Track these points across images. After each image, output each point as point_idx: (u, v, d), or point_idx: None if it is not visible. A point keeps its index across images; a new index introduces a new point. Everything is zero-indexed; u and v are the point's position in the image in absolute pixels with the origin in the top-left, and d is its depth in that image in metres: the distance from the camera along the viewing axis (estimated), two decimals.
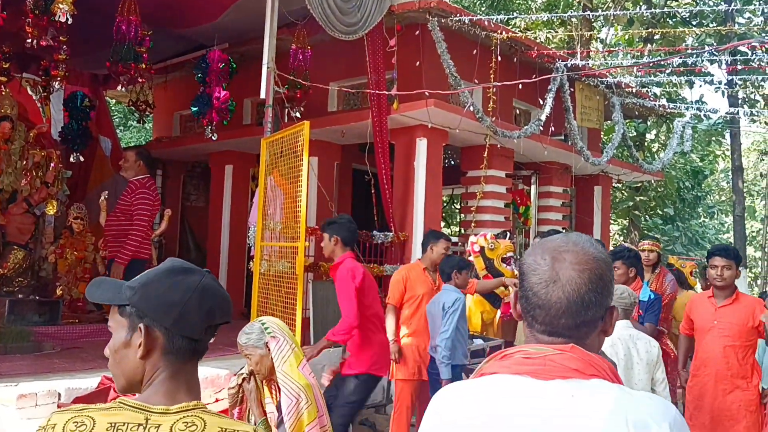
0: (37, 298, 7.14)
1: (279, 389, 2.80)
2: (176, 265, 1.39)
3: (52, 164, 7.52)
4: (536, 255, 1.24)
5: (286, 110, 7.24)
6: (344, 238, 4.50)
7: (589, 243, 1.24)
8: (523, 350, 1.20)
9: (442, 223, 11.01)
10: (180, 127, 11.67)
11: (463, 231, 9.50)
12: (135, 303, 1.33)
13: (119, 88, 7.35)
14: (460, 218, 13.14)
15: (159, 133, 11.88)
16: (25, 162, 7.44)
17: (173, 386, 1.30)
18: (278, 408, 2.76)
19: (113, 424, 1.22)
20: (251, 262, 6.32)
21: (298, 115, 7.35)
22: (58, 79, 7.01)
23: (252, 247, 6.34)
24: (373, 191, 7.91)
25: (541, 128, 8.52)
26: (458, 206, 16.00)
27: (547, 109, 8.51)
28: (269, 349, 2.75)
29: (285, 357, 2.73)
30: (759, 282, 18.53)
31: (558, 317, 1.19)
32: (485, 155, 8.16)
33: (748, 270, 17.71)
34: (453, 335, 4.68)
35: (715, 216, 23.62)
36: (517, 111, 9.85)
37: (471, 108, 7.46)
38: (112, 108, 17.19)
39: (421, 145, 7.77)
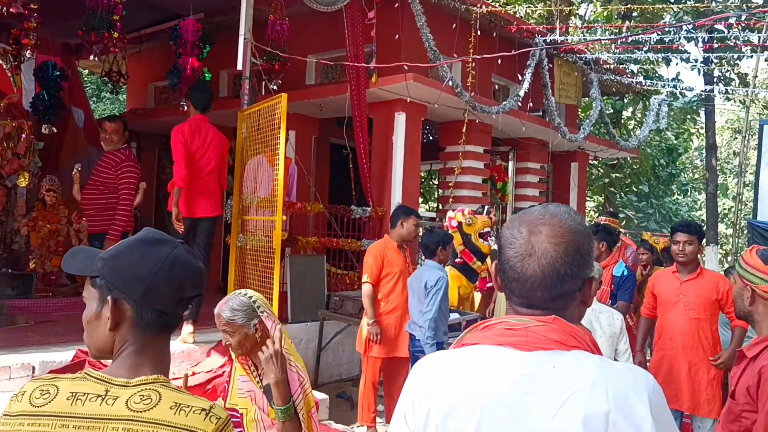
0: (10, 271, 7.06)
1: (254, 367, 2.73)
2: (149, 235, 1.37)
3: (23, 135, 7.36)
4: (513, 228, 1.25)
5: (263, 82, 7.14)
6: (192, 100, 5.81)
7: (567, 215, 1.24)
8: (504, 321, 1.21)
9: (420, 199, 11.03)
10: (155, 98, 11.47)
11: (441, 206, 9.53)
12: (104, 275, 1.32)
13: (92, 57, 7.18)
14: (438, 194, 13.17)
15: (133, 105, 11.68)
16: None
17: (139, 360, 1.30)
18: (266, 391, 2.65)
19: (74, 394, 1.23)
20: (228, 236, 6.28)
21: (275, 87, 7.26)
22: (29, 48, 6.82)
23: (229, 221, 6.29)
24: (351, 166, 7.88)
25: (520, 104, 8.52)
26: (436, 181, 16.02)
27: (526, 85, 8.51)
28: (257, 329, 2.62)
29: (282, 337, 2.59)
30: (729, 259, 18.90)
31: (533, 290, 1.20)
32: (464, 130, 8.16)
33: (719, 247, 18.05)
34: (437, 315, 4.66)
35: (689, 193, 23.97)
36: (496, 86, 9.84)
37: (450, 83, 7.43)
38: (85, 78, 16.84)
39: (400, 120, 7.74)
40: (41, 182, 7.58)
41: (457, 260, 6.57)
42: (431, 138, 11.78)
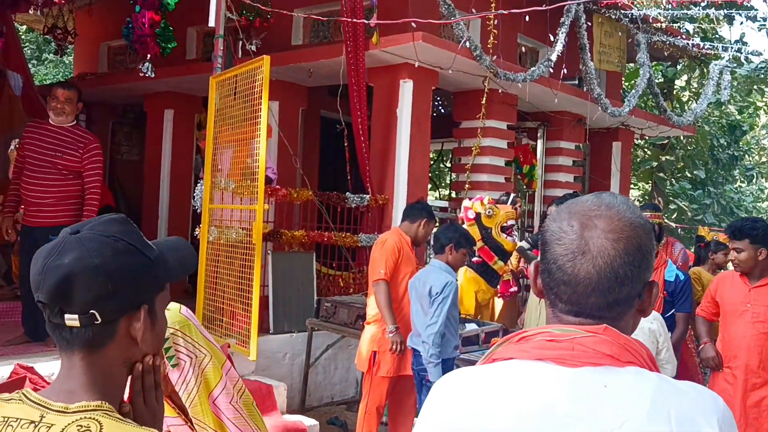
0: None
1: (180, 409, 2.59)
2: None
3: None
4: (562, 221, 1.26)
5: (240, 42, 7.13)
6: None
7: (626, 205, 1.25)
8: (545, 331, 1.22)
9: (429, 185, 11.02)
10: (108, 61, 11.45)
11: (454, 194, 9.54)
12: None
13: (32, 11, 7.15)
14: (450, 178, 13.17)
15: (82, 69, 11.64)
16: None
17: (69, 382, 1.32)
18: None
19: (6, 418, 1.25)
20: (197, 229, 6.29)
21: (254, 48, 7.24)
22: None
23: (198, 211, 6.29)
24: (346, 144, 7.87)
25: (551, 70, 8.51)
26: (449, 164, 16.02)
27: (559, 47, 8.49)
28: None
29: (191, 394, 2.37)
30: None
31: (587, 295, 1.21)
32: (483, 102, 8.14)
33: None
34: (443, 328, 4.64)
35: (754, 180, 23.96)
36: (523, 49, 9.82)
37: (467, 44, 7.41)
38: (23, 37, 16.79)
39: (406, 89, 7.73)
40: None
41: (475, 259, 6.58)
42: (443, 111, 11.77)
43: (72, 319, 1.27)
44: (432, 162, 12.35)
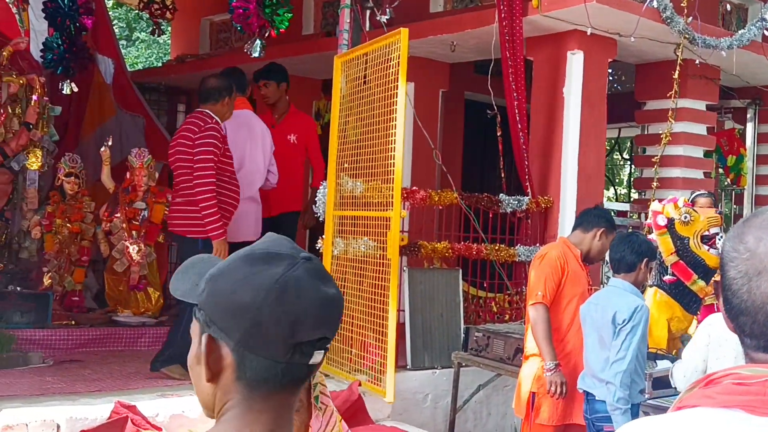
0: (18, 289, 7.40)
1: None
2: (259, 248, 1.41)
3: (34, 97, 7.68)
4: (734, 238, 1.26)
5: (368, 12, 7.25)
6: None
7: None
8: (734, 373, 1.22)
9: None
10: (210, 40, 11.88)
11: (637, 194, 9.35)
12: (202, 304, 1.38)
13: None
14: (630, 173, 12.90)
15: (180, 50, 12.15)
16: None
17: (244, 429, 1.35)
18: None
19: None
20: (320, 240, 6.44)
21: (385, 19, 7.35)
22: None
23: (321, 219, 6.45)
24: (498, 133, 7.86)
25: (766, 33, 8.22)
26: (627, 155, 15.69)
27: None
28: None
29: None
30: None
31: None
32: (675, 76, 7.97)
33: None
34: (633, 366, 4.59)
35: None
36: (728, 6, 9.53)
37: (654, 3, 7.27)
38: (112, 14, 17.74)
39: (575, 62, 7.68)
40: (58, 164, 7.95)
41: (667, 278, 6.43)
42: (620, 89, 11.55)
43: (320, 355, 1.37)
44: (606, 153, 12.16)
